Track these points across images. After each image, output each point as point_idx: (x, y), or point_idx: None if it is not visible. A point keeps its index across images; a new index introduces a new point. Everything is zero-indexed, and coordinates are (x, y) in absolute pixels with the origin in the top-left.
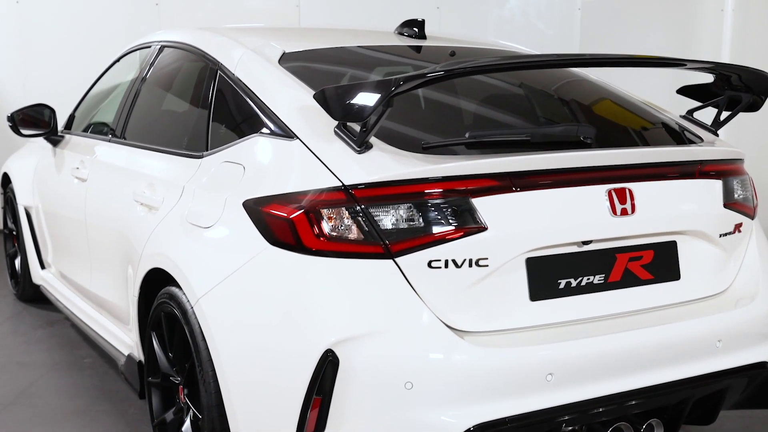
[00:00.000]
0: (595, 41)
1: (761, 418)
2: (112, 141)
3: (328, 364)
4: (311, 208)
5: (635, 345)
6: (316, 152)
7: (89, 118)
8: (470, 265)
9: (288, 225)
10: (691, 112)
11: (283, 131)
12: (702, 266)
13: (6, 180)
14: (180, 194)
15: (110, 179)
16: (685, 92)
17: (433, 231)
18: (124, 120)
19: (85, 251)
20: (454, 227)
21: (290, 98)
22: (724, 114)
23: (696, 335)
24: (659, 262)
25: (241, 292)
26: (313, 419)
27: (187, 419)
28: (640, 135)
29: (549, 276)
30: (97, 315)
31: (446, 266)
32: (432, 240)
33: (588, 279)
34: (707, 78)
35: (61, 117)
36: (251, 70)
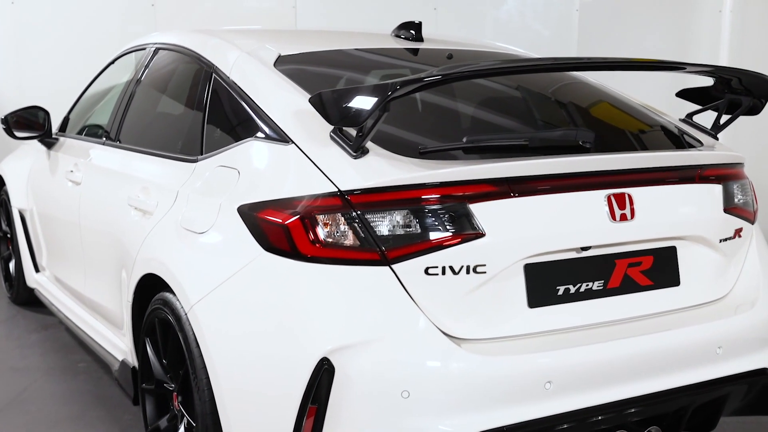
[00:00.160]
0: (593, 42)
1: (762, 424)
2: (107, 144)
3: (324, 373)
4: (306, 214)
5: (635, 352)
6: (312, 157)
7: (84, 121)
8: (468, 272)
9: (283, 231)
10: (691, 116)
11: (279, 135)
12: (702, 272)
13: (0, 182)
14: (174, 199)
15: (104, 183)
16: (685, 95)
17: (430, 237)
18: (119, 123)
19: (79, 255)
20: (452, 233)
21: (285, 102)
22: (724, 117)
23: (696, 342)
24: (659, 268)
25: (236, 299)
26: (309, 428)
27: (182, 427)
28: (640, 139)
29: (547, 282)
30: (92, 319)
31: (443, 273)
32: (429, 246)
33: (587, 285)
34: (707, 81)
35: (57, 118)
36: (246, 73)
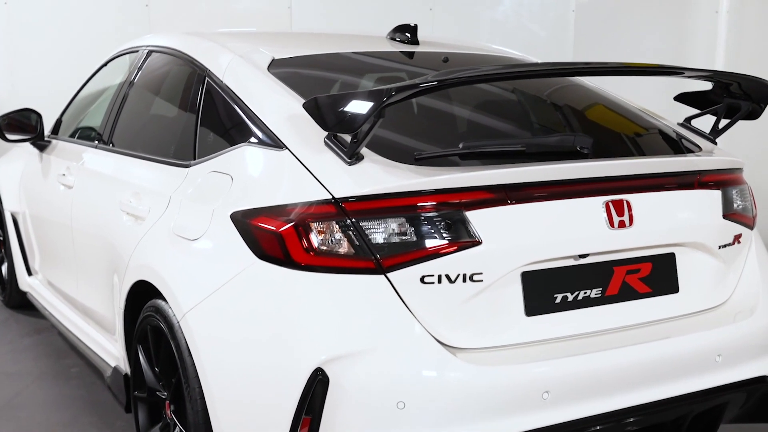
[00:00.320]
0: (589, 43)
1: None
2: (99, 147)
3: (318, 383)
4: (300, 222)
5: (633, 361)
6: (306, 163)
7: (76, 123)
8: (464, 280)
9: (276, 239)
10: (689, 120)
11: (272, 141)
12: (701, 279)
13: None
14: (166, 205)
15: (96, 187)
16: (683, 99)
17: (426, 245)
18: (111, 126)
19: (72, 260)
20: (448, 241)
21: (279, 106)
22: (723, 122)
23: (695, 350)
24: (657, 275)
25: (229, 308)
26: None
27: None
28: (638, 144)
29: (545, 290)
30: (84, 324)
31: (439, 281)
32: (425, 255)
33: (585, 293)
34: (705, 84)
35: (50, 119)
36: (239, 77)
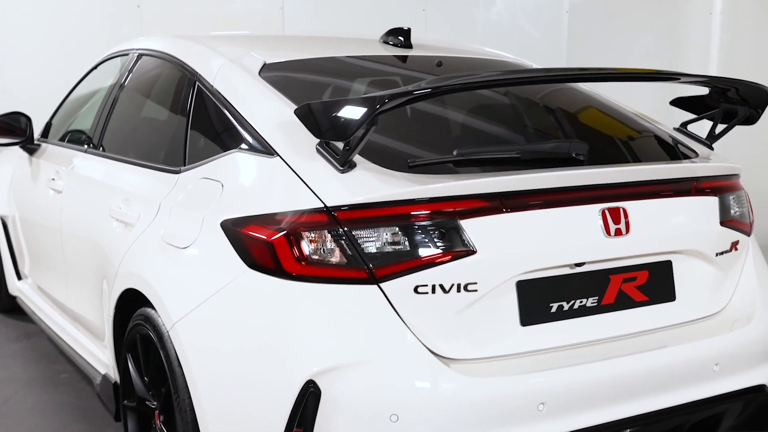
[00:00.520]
0: (583, 44)
1: None
2: (89, 152)
3: (310, 395)
4: (292, 231)
5: (630, 371)
6: (297, 171)
7: (66, 127)
8: (458, 290)
9: (267, 248)
10: (685, 125)
11: (263, 147)
12: (698, 286)
13: None
14: (156, 211)
15: (86, 192)
16: (679, 104)
17: (420, 255)
18: (101, 131)
19: (61, 265)
20: (442, 251)
21: (270, 112)
22: (720, 127)
23: (693, 359)
24: (654, 283)
25: (219, 318)
26: None
27: None
28: (634, 150)
29: (540, 300)
30: (74, 330)
31: (433, 291)
32: (418, 264)
33: (581, 302)
34: (701, 89)
35: (40, 122)
36: (230, 82)
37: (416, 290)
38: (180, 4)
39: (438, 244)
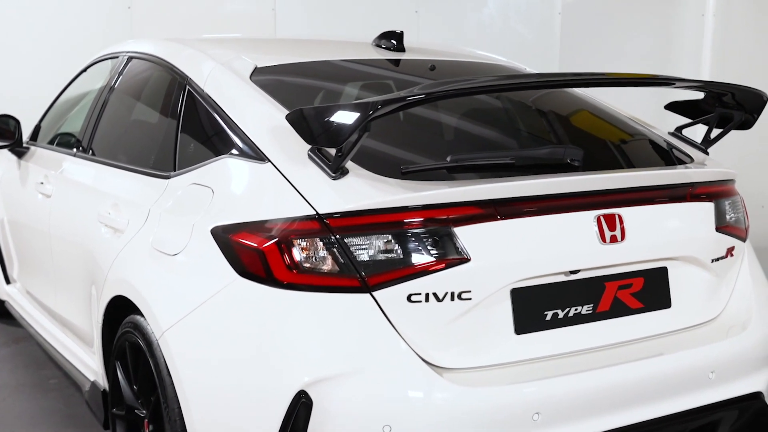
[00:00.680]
0: (575, 46)
1: None
2: (78, 156)
3: (301, 406)
4: (283, 238)
5: (626, 380)
6: (289, 177)
7: (55, 130)
8: (452, 299)
9: (258, 256)
10: (680, 129)
11: (255, 153)
12: (693, 293)
13: None
14: (146, 217)
15: (75, 197)
16: (674, 108)
17: (413, 263)
18: (90, 134)
19: (50, 270)
20: (436, 259)
21: (262, 117)
22: (715, 131)
23: (689, 367)
24: (649, 290)
25: (209, 327)
26: None
27: None
28: (629, 155)
29: (535, 307)
30: (63, 336)
31: (427, 300)
32: (412, 272)
33: (576, 310)
34: (695, 93)
35: (29, 124)
36: (221, 86)
37: (409, 299)
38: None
39: (431, 252)
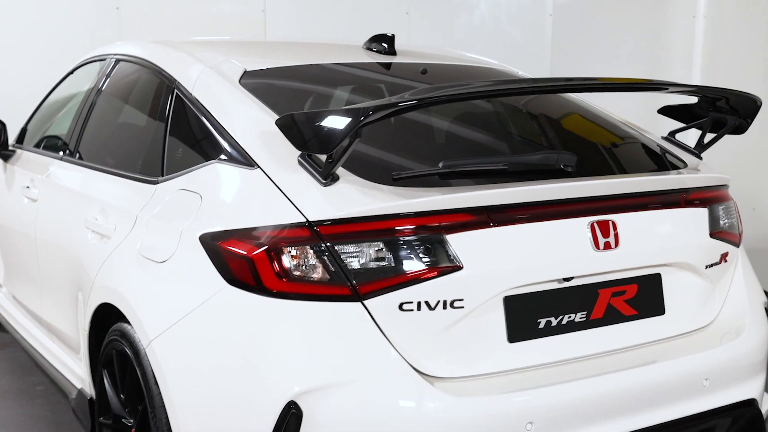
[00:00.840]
0: (567, 47)
1: None
2: (64, 160)
3: (291, 417)
4: (272, 246)
5: (619, 388)
6: (279, 183)
7: (42, 133)
8: (444, 307)
9: (247, 263)
10: (673, 134)
11: (244, 158)
12: (687, 299)
13: None
14: (133, 223)
15: (61, 202)
16: (667, 112)
17: (405, 271)
18: (77, 138)
19: (36, 276)
20: (428, 266)
21: (251, 122)
22: (708, 136)
23: (683, 375)
24: (643, 297)
25: (197, 336)
26: None
27: None
28: (623, 160)
29: (528, 315)
30: (49, 343)
31: (419, 309)
32: (403, 281)
33: (569, 317)
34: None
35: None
36: (210, 90)
37: (401, 307)
38: (160, 7)
39: (423, 260)
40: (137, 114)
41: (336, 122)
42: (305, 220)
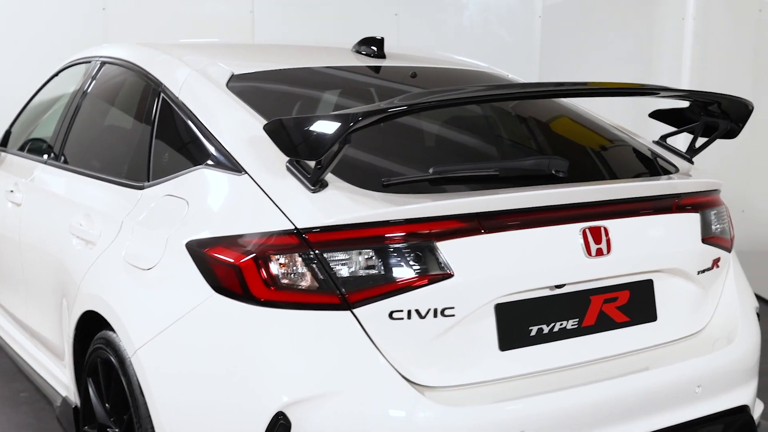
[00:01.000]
0: (556, 49)
1: None
2: (49, 164)
3: (279, 428)
4: (260, 254)
5: (611, 396)
6: (266, 190)
7: (26, 136)
8: (435, 315)
9: (234, 271)
10: (665, 138)
11: (231, 164)
12: (679, 306)
13: None
14: (118, 230)
15: (46, 207)
16: (658, 116)
17: (395, 279)
18: (61, 142)
19: (21, 281)
20: (418, 274)
21: (238, 127)
22: (700, 140)
23: (675, 381)
24: (635, 303)
25: (184, 345)
26: None
27: None
28: (614, 165)
29: (520, 323)
30: (34, 349)
31: (409, 317)
32: (394, 289)
33: (561, 324)
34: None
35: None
36: (196, 94)
37: (391, 316)
38: (146, 8)
39: (414, 268)
40: (123, 118)
41: (325, 127)
42: (293, 228)
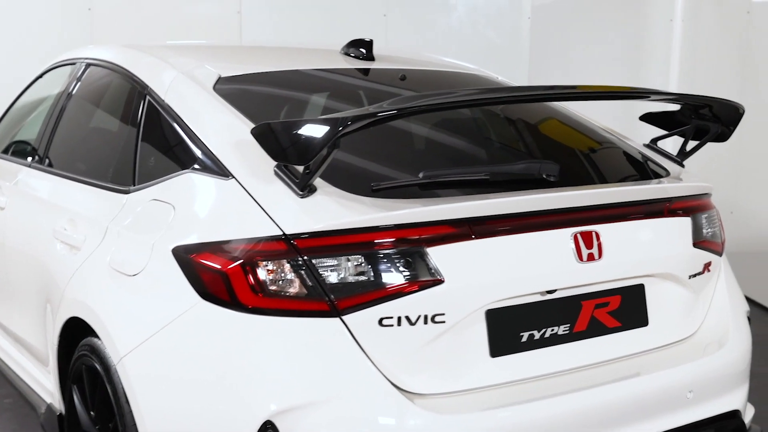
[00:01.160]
0: (545, 50)
1: None
2: (33, 167)
3: None
4: (248, 260)
5: (603, 402)
6: (254, 195)
7: (9, 138)
8: (425, 322)
9: (221, 278)
10: (655, 141)
11: (218, 168)
12: (670, 310)
13: None
14: (103, 234)
15: (30, 210)
16: (649, 119)
17: (385, 285)
18: (46, 145)
19: (4, 286)
20: (408, 281)
21: (225, 130)
22: (691, 144)
23: (666, 387)
24: (626, 308)
25: (170, 353)
26: None
27: None
28: (605, 169)
29: (511, 329)
30: (18, 355)
31: (399, 324)
32: (383, 295)
33: (552, 330)
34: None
35: None
36: (183, 97)
37: (381, 323)
38: (133, 8)
39: (404, 274)
40: (108, 121)
41: (314, 132)
42: (281, 233)
